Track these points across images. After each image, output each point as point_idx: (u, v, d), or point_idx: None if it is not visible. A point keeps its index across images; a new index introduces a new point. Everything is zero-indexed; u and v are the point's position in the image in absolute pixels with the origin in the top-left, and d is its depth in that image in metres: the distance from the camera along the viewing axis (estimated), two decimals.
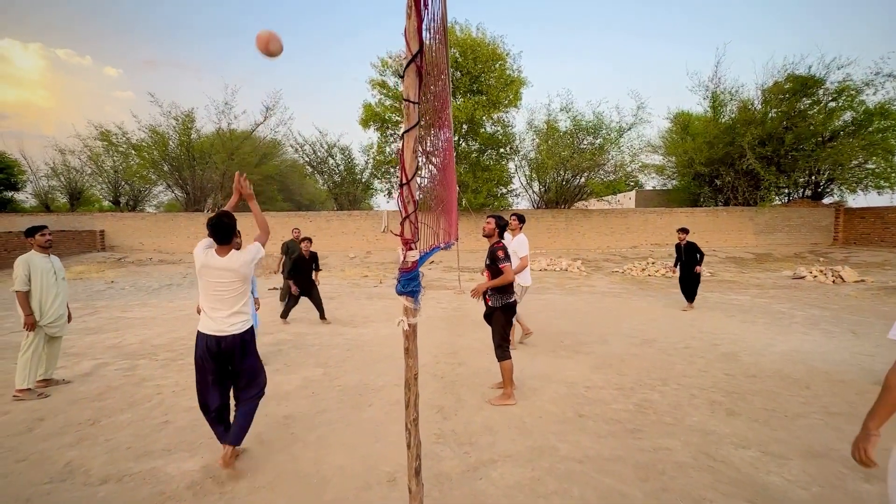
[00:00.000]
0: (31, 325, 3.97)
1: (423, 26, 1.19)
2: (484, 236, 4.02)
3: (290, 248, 7.54)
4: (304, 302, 7.06)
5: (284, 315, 6.93)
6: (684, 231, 7.89)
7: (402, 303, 1.41)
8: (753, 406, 3.69)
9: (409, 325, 1.44)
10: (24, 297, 3.95)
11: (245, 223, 18.74)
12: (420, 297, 1.42)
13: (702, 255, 7.76)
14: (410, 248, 1.30)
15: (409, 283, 1.34)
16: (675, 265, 7.97)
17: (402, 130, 1.23)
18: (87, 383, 4.34)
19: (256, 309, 4.55)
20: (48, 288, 4.09)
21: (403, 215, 1.30)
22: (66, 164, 22.61)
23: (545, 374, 4.52)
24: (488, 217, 4.01)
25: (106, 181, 22.97)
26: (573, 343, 5.66)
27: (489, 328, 4.14)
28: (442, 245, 2.24)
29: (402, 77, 1.21)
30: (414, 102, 1.17)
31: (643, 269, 13.00)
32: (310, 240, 6.91)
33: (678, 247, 7.86)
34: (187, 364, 4.91)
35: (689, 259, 7.70)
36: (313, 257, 6.98)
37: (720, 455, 2.92)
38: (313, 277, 7.00)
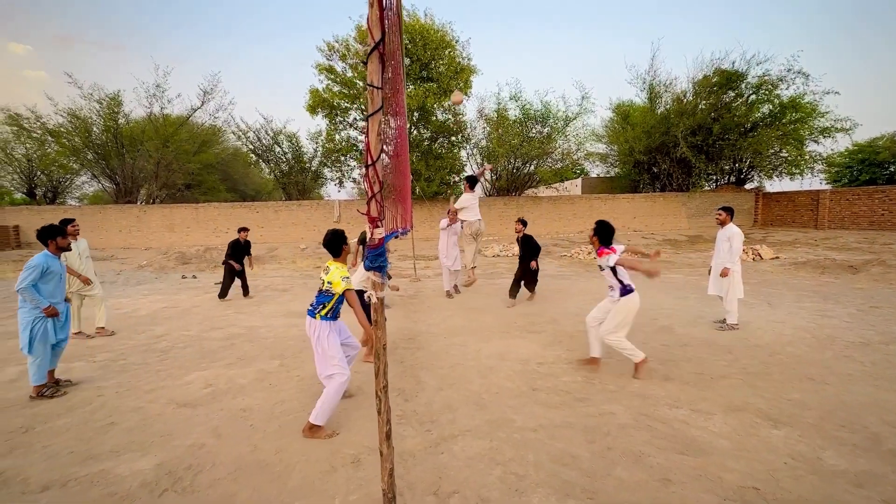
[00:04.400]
0: None
1: (385, 15, 1.24)
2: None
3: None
4: (260, 301, 6.83)
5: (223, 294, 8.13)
6: (521, 223, 7.26)
7: (371, 277, 1.46)
8: (685, 371, 4.09)
9: (378, 298, 1.50)
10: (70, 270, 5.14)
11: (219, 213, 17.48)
12: (387, 271, 1.48)
13: (537, 248, 7.13)
14: (377, 226, 1.35)
15: (377, 258, 1.40)
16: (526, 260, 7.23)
17: (367, 114, 1.27)
18: (15, 390, 4.00)
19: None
20: None
21: (370, 195, 1.35)
22: None
23: (501, 353, 4.73)
24: None
25: (17, 171, 20.65)
26: (526, 324, 5.93)
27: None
28: (400, 231, 2.30)
29: (365, 63, 1.25)
30: (377, 87, 1.21)
31: (589, 253, 13.70)
32: (246, 229, 8.45)
33: (517, 240, 7.27)
34: (130, 364, 4.66)
35: (525, 252, 7.08)
36: (248, 245, 8.45)
37: (656, 415, 3.24)
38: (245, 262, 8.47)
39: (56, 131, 18.88)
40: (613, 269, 3.98)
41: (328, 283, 3.03)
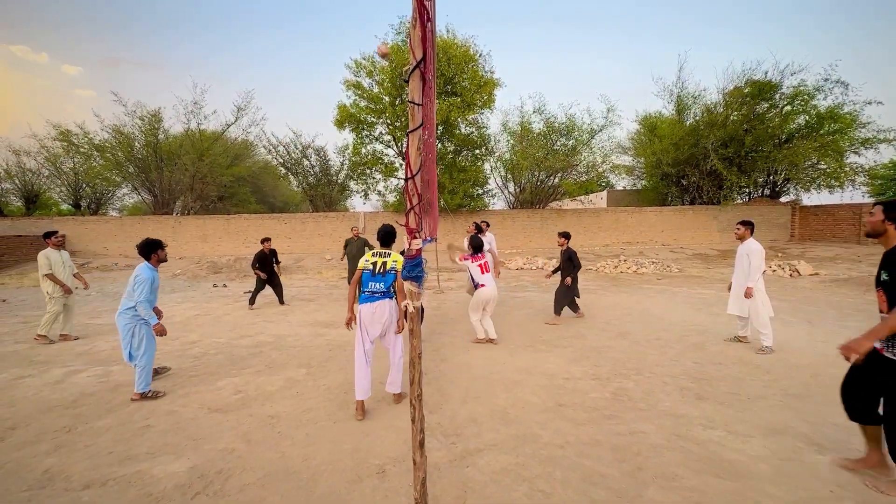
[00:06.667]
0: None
1: (427, 34, 1.28)
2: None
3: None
4: (287, 310, 6.97)
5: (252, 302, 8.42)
6: (563, 236, 6.79)
7: (408, 287, 1.49)
8: (719, 390, 3.94)
9: (414, 307, 1.53)
10: (54, 276, 5.89)
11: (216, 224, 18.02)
12: (423, 281, 1.51)
13: (576, 266, 6.69)
14: (415, 237, 1.39)
15: (414, 268, 1.43)
16: (553, 272, 7.04)
17: (408, 130, 1.32)
18: (59, 391, 4.20)
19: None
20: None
21: (408, 207, 1.39)
22: (20, 166, 21.47)
23: (526, 367, 4.66)
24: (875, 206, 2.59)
25: (65, 183, 21.92)
26: (551, 338, 5.85)
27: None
28: (428, 238, 2.33)
29: (407, 81, 1.30)
30: (417, 104, 1.26)
31: (615, 267, 13.43)
32: (268, 239, 8.72)
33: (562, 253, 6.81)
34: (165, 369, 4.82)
35: (564, 269, 6.71)
36: (273, 253, 8.71)
37: (690, 436, 3.12)
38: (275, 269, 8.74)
39: (101, 146, 20.00)
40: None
41: (394, 262, 3.60)
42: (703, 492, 2.48)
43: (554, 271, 7.00)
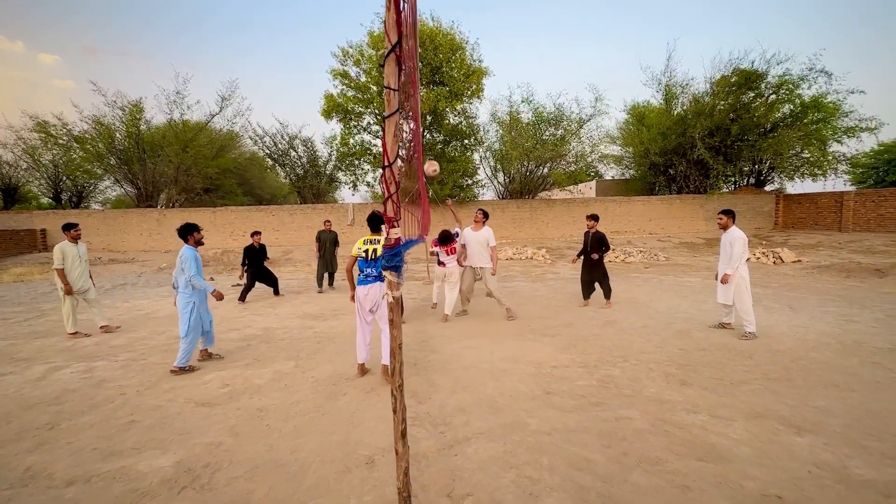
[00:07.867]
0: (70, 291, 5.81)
1: (402, 18, 1.25)
2: None
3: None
4: (276, 303, 6.91)
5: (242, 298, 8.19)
6: (593, 218, 6.99)
7: (387, 277, 1.48)
8: (703, 376, 4.01)
9: (394, 297, 1.52)
10: (62, 273, 5.74)
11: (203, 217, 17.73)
12: (403, 271, 1.50)
13: (606, 247, 6.96)
14: (393, 226, 1.37)
15: (393, 258, 1.42)
16: (579, 255, 7.22)
17: (384, 116, 1.29)
18: (41, 388, 4.12)
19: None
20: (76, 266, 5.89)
21: (386, 195, 1.37)
22: None
23: (514, 356, 4.70)
24: None
25: (44, 176, 21.35)
26: (540, 327, 5.89)
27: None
28: (418, 239, 2.30)
29: (382, 66, 1.27)
30: (394, 90, 1.23)
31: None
32: (258, 233, 8.72)
33: (586, 234, 7.08)
34: (150, 364, 4.76)
35: (593, 250, 6.90)
36: (263, 249, 8.57)
37: (674, 421, 3.18)
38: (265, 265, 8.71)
39: (81, 138, 19.46)
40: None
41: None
42: (687, 475, 2.53)
43: (579, 255, 7.26)
